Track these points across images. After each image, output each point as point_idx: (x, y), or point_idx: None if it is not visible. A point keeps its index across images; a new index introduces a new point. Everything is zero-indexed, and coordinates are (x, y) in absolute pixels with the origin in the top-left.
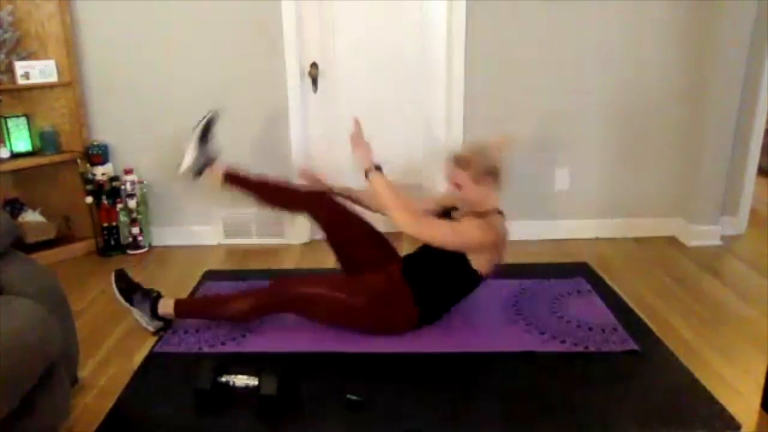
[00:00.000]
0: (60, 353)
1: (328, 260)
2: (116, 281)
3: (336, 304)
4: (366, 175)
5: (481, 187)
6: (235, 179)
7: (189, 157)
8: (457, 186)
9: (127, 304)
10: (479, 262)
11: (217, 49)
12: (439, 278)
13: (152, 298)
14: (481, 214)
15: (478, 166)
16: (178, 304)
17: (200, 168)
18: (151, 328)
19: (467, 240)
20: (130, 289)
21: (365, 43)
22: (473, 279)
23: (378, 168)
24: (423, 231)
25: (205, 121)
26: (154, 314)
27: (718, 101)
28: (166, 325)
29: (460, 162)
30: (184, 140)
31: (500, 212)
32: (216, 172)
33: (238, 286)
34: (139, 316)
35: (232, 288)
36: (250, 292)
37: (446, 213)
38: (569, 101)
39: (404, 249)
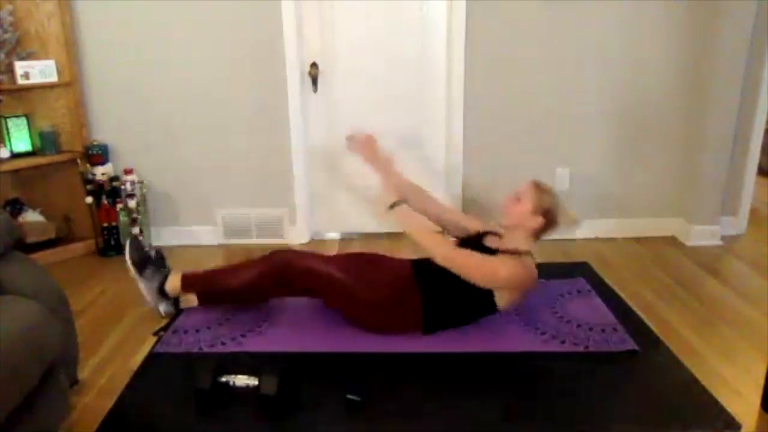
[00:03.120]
0: (60, 353)
1: None
2: (130, 249)
3: (344, 289)
4: (392, 206)
5: (530, 219)
6: (191, 286)
7: (147, 294)
8: (516, 200)
9: (136, 274)
10: (503, 298)
11: (217, 49)
12: (454, 296)
13: (163, 275)
14: (514, 253)
15: (546, 203)
16: (185, 278)
17: (160, 290)
18: (155, 306)
19: (500, 278)
20: (142, 261)
21: (365, 43)
22: (489, 308)
23: (398, 204)
24: (454, 263)
25: (127, 252)
26: (161, 291)
27: (717, 101)
28: (166, 326)
29: (538, 187)
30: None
31: (532, 255)
32: (173, 287)
33: None
34: (145, 289)
35: None
36: (260, 260)
37: (478, 237)
38: (569, 101)
39: (410, 252)
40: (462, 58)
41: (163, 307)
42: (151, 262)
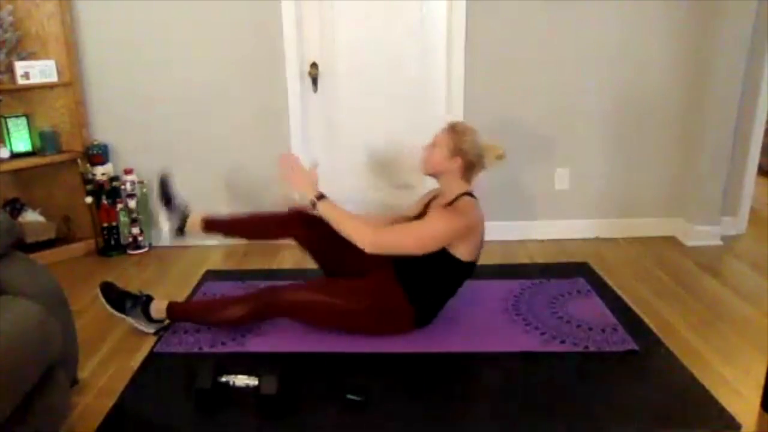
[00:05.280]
0: (60, 354)
1: None
2: (104, 294)
3: (331, 310)
4: (313, 205)
5: (449, 163)
6: (212, 225)
7: (165, 224)
8: (432, 147)
9: (120, 314)
10: (459, 251)
11: (217, 49)
12: (429, 274)
13: (142, 303)
14: (450, 203)
15: (462, 142)
16: (171, 308)
17: (180, 226)
18: (150, 331)
19: (433, 236)
20: (120, 298)
21: (365, 43)
22: (461, 268)
23: (322, 196)
24: (383, 245)
25: (159, 185)
26: (149, 318)
27: (717, 101)
28: (167, 326)
29: (453, 128)
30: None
31: (471, 195)
32: (194, 224)
33: (238, 286)
34: (135, 322)
35: (231, 288)
36: (245, 298)
37: (425, 211)
38: (569, 101)
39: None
40: (462, 58)
41: (152, 329)
42: (128, 295)
